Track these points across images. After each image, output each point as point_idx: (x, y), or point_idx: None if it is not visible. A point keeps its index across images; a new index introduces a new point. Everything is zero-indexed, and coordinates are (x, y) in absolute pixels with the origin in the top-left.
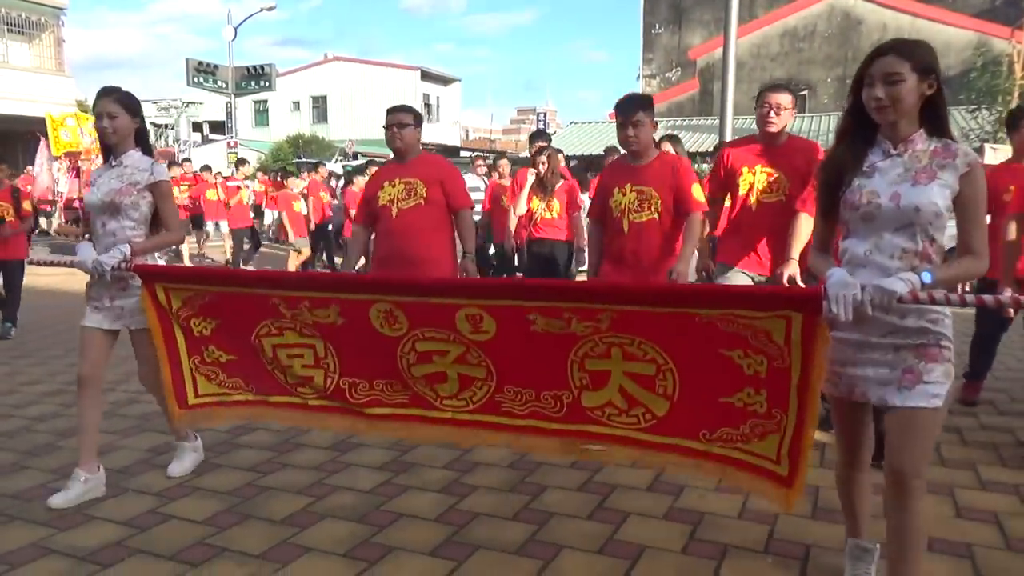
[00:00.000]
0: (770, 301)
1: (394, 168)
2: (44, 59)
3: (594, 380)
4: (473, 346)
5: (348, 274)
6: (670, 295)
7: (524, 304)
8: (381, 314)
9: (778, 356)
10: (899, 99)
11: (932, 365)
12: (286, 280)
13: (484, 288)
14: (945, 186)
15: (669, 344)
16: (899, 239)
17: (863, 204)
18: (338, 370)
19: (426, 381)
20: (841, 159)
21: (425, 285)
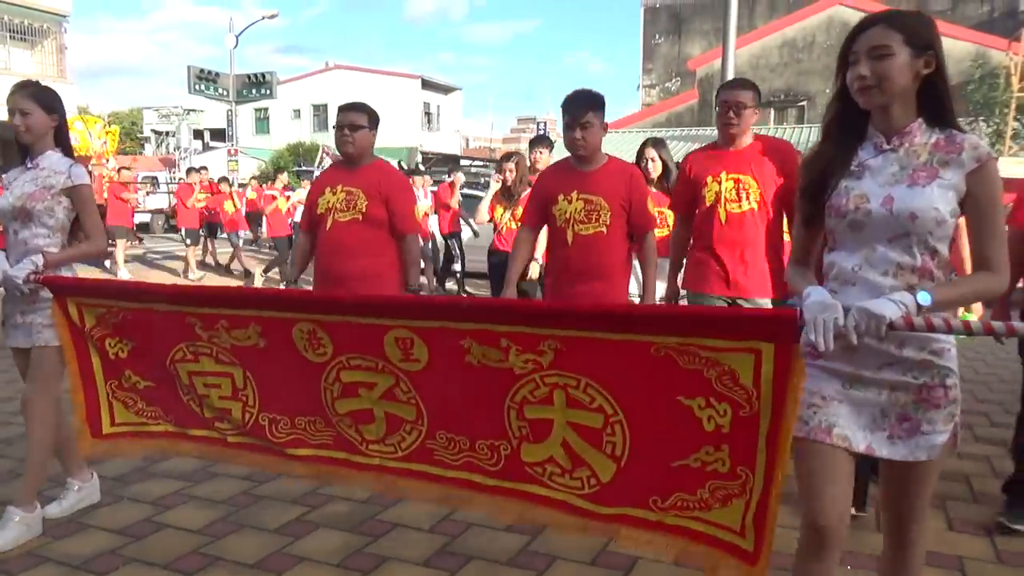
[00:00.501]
0: (737, 325)
1: (340, 173)
2: (46, 66)
3: (535, 430)
4: (403, 378)
5: (268, 289)
6: (622, 317)
7: (458, 326)
8: (305, 335)
9: (745, 402)
10: (886, 77)
11: (934, 412)
12: (202, 295)
13: (414, 306)
14: (948, 187)
15: (620, 387)
16: (894, 252)
17: (850, 210)
18: (257, 404)
19: (351, 420)
20: (826, 157)
21: (350, 302)
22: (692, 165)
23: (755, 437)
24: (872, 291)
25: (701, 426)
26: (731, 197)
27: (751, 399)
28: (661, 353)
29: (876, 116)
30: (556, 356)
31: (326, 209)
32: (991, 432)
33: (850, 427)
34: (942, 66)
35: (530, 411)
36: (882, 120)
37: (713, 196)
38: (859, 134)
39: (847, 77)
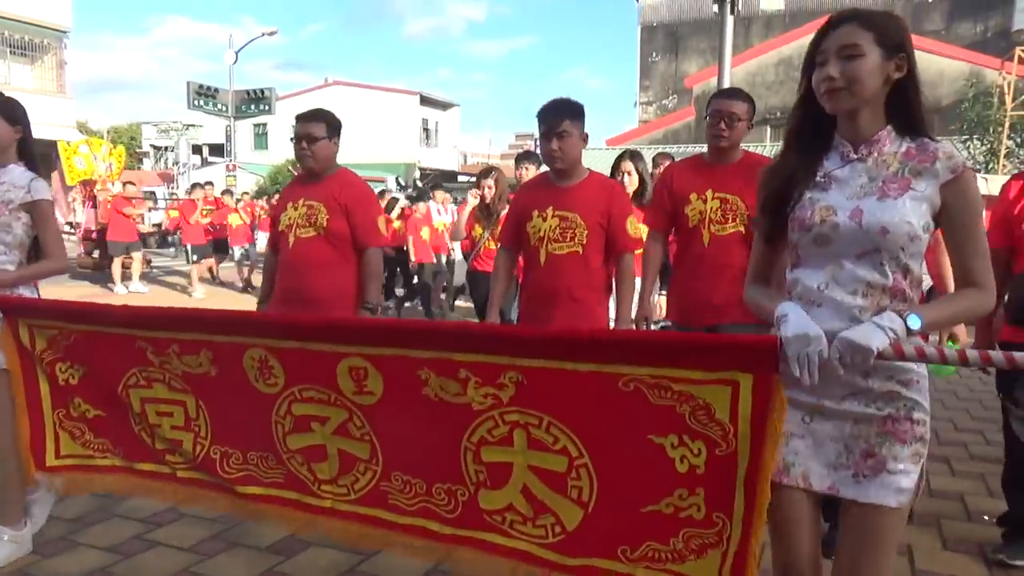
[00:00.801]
0: (713, 354)
1: (302, 187)
2: (46, 81)
3: (493, 476)
4: (356, 411)
5: (218, 311)
6: (590, 344)
7: (415, 355)
8: (256, 363)
9: (721, 440)
10: (857, 79)
11: (900, 448)
12: (154, 318)
13: (369, 331)
14: (921, 199)
15: (585, 426)
16: (862, 269)
17: (816, 223)
18: (209, 436)
19: (303, 457)
20: (788, 167)
21: (302, 325)
22: (675, 178)
23: (732, 479)
24: (839, 311)
25: (674, 467)
26: (716, 218)
27: (728, 436)
28: (630, 387)
29: (843, 123)
30: (517, 390)
31: (287, 226)
32: (986, 450)
33: (811, 465)
34: (913, 70)
35: (488, 453)
36: (849, 127)
37: (697, 215)
38: (824, 142)
39: (813, 79)
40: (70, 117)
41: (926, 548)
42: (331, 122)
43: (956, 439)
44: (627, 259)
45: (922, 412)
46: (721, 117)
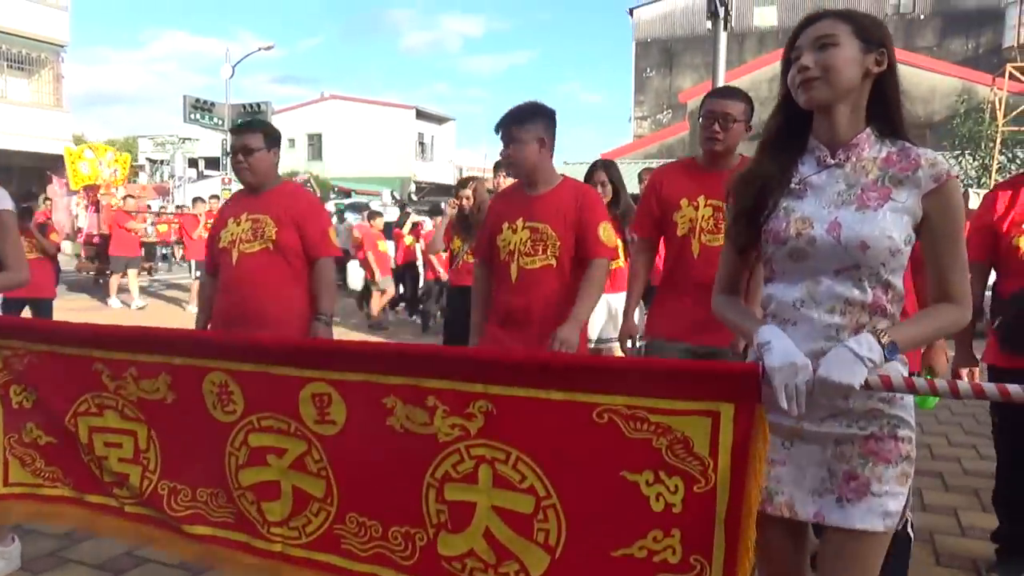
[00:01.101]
0: (693, 381)
1: (243, 201)
2: (43, 95)
3: (455, 516)
4: (316, 443)
5: (182, 331)
6: (563, 370)
7: (382, 380)
8: (215, 389)
9: (700, 476)
10: (832, 67)
11: (884, 468)
12: (115, 337)
13: (337, 354)
14: (903, 210)
15: (555, 462)
16: (841, 285)
17: (791, 236)
18: (159, 469)
19: (254, 495)
20: (763, 173)
21: (268, 347)
22: (664, 182)
23: (711, 518)
24: (816, 330)
25: (648, 506)
26: (708, 227)
27: (707, 472)
28: (604, 419)
29: (819, 124)
30: (486, 421)
31: (230, 242)
32: (980, 465)
33: (795, 493)
34: (894, 68)
35: (452, 491)
36: (826, 128)
37: (687, 224)
38: (799, 145)
39: (788, 76)
40: (67, 131)
41: (920, 563)
42: (269, 133)
43: (950, 454)
44: (597, 264)
45: (907, 429)
46: (715, 118)
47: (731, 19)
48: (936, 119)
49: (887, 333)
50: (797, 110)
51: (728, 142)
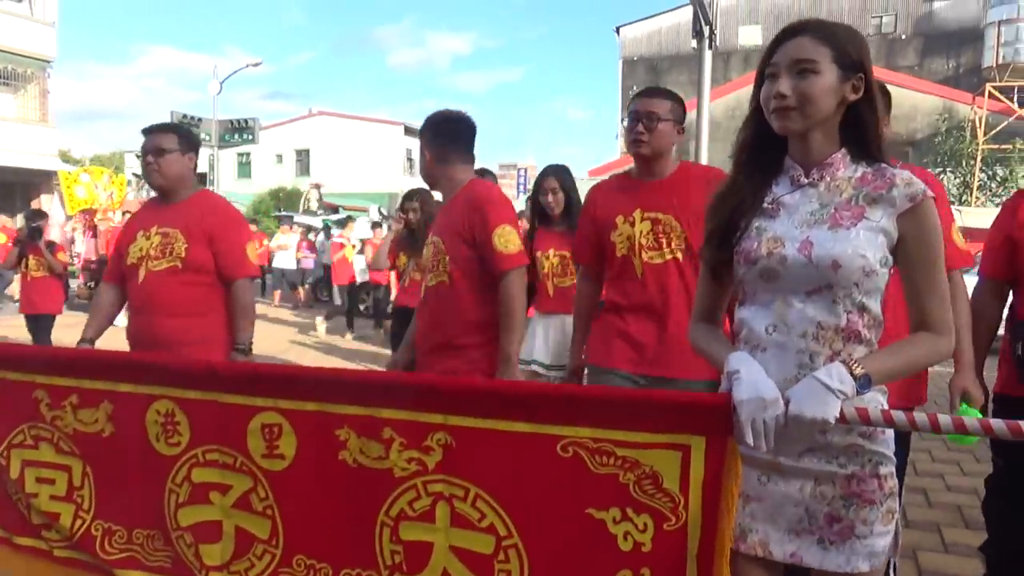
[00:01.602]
0: (661, 413)
1: (155, 211)
2: (29, 110)
3: (411, 557)
4: (262, 479)
5: (128, 354)
6: (527, 399)
7: (336, 410)
8: (160, 419)
9: (670, 513)
10: (810, 98)
11: (869, 510)
12: (58, 360)
13: (292, 381)
14: (877, 229)
15: (517, 499)
16: (813, 309)
17: (762, 256)
18: (93, 508)
19: (192, 537)
20: (736, 192)
21: (221, 372)
22: (598, 201)
23: (683, 557)
24: (788, 357)
25: (616, 545)
26: (648, 243)
27: (677, 508)
28: (568, 453)
29: (793, 144)
30: (445, 455)
31: (138, 258)
32: (962, 481)
33: (770, 531)
34: (871, 91)
35: (407, 530)
36: (800, 149)
37: (626, 243)
38: (774, 166)
39: (762, 94)
40: (52, 146)
41: None
42: (185, 136)
43: (933, 470)
44: (505, 281)
45: (889, 465)
46: (638, 118)
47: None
48: (918, 137)
49: (861, 364)
50: (767, 125)
51: (655, 144)
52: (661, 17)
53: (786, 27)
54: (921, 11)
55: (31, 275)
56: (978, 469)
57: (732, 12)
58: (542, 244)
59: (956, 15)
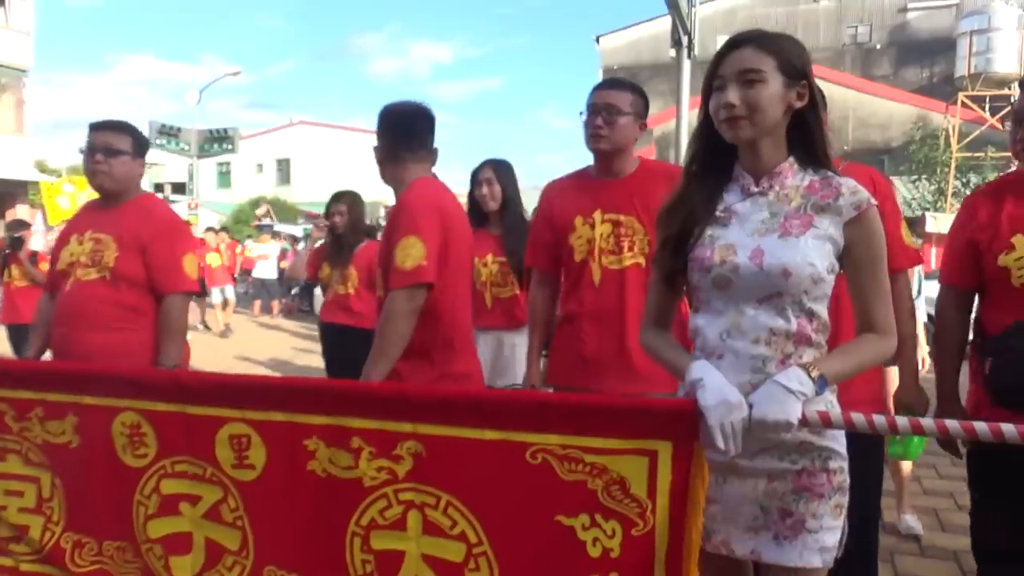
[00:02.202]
0: (628, 420)
1: (93, 215)
2: (4, 120)
3: (382, 566)
4: (232, 490)
5: (91, 365)
6: (497, 407)
7: (305, 420)
8: (126, 431)
9: (638, 518)
10: (758, 107)
11: (818, 503)
12: (21, 371)
13: (260, 391)
14: (824, 237)
15: (487, 507)
16: (765, 315)
17: (715, 264)
18: (63, 520)
19: (162, 550)
20: (689, 201)
21: (187, 384)
22: (554, 200)
23: (650, 562)
24: (743, 362)
25: (585, 551)
26: (608, 247)
27: (645, 514)
28: (538, 460)
29: (744, 153)
30: (415, 464)
31: (68, 264)
32: (937, 484)
33: (730, 530)
34: (815, 98)
35: (378, 539)
36: (750, 158)
37: (585, 246)
38: (725, 174)
39: (711, 105)
40: (28, 156)
41: None
42: (138, 139)
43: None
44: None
45: (838, 460)
46: (598, 111)
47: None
48: (894, 145)
49: (815, 366)
50: (718, 135)
51: (616, 139)
52: (641, 27)
53: (729, 40)
54: (895, 21)
55: (14, 284)
56: (955, 472)
57: (710, 22)
58: (478, 249)
59: (929, 25)
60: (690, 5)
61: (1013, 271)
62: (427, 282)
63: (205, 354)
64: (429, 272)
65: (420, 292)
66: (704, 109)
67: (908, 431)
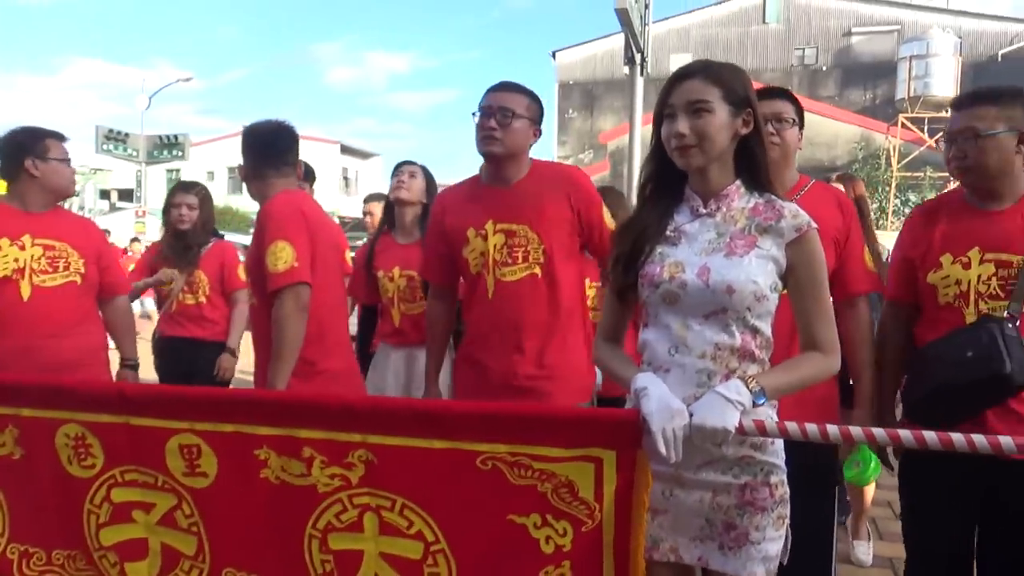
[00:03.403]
0: (573, 430)
1: (17, 218)
2: None
3: (342, 565)
4: (186, 496)
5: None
6: (443, 418)
7: (253, 431)
8: (70, 442)
9: (587, 518)
10: (706, 136)
11: (760, 516)
12: None
13: (203, 403)
14: (767, 257)
15: (442, 508)
16: (710, 331)
17: (664, 280)
18: (7, 531)
19: (118, 556)
20: (642, 221)
21: (129, 396)
22: (447, 210)
23: (599, 553)
24: (689, 377)
25: (538, 548)
26: (502, 258)
27: (593, 514)
28: (488, 466)
29: (694, 177)
30: (367, 470)
31: (15, 270)
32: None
33: (678, 539)
34: (759, 126)
35: (336, 540)
36: (700, 181)
37: (479, 259)
38: (676, 195)
39: (663, 133)
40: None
41: None
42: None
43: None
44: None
45: (779, 473)
46: (491, 113)
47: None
48: (839, 164)
49: (755, 379)
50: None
51: (509, 143)
52: (596, 43)
53: (677, 72)
54: (841, 44)
55: None
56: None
57: (664, 40)
58: (385, 261)
59: (871, 49)
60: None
61: (939, 289)
62: (304, 280)
63: None
64: (303, 272)
65: (304, 290)
66: (656, 135)
67: (839, 439)
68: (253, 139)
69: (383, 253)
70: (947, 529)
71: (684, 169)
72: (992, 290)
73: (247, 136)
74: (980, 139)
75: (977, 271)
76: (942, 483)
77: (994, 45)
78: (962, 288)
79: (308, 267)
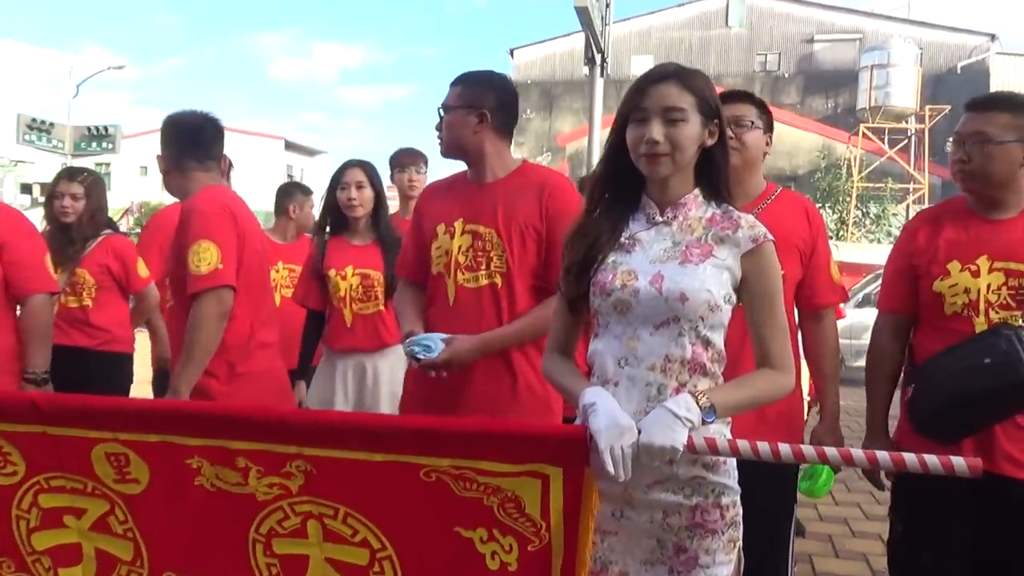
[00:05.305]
0: (518, 446)
1: None
2: None
3: (288, 569)
4: (119, 503)
5: None
6: (381, 434)
7: (182, 442)
8: None
9: (533, 536)
10: (680, 146)
11: (711, 540)
12: None
13: (124, 415)
14: (723, 267)
15: (387, 517)
16: (661, 341)
17: (616, 288)
18: None
19: (51, 560)
20: (595, 229)
21: (41, 407)
22: (427, 203)
23: (548, 571)
24: (639, 390)
25: (484, 564)
26: (465, 261)
27: (540, 532)
28: (432, 478)
29: (652, 185)
30: (307, 480)
31: None
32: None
33: (628, 562)
34: (724, 137)
35: (281, 545)
36: (659, 189)
37: (442, 258)
38: (631, 202)
39: (630, 137)
40: None
41: None
42: None
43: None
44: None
45: (731, 495)
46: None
47: (608, 66)
48: (800, 172)
49: (706, 395)
50: (628, 163)
51: (446, 138)
52: (555, 42)
53: (651, 73)
54: (803, 51)
55: None
56: (850, 499)
57: (624, 42)
58: (337, 259)
59: (833, 57)
60: (604, 23)
61: (946, 297)
62: (228, 284)
63: None
64: (227, 274)
65: (227, 294)
66: (616, 135)
67: (791, 459)
68: (176, 129)
69: (335, 253)
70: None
71: (649, 177)
72: (1003, 300)
73: (169, 126)
74: (988, 145)
75: (987, 280)
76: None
77: (953, 57)
78: (971, 297)
79: (234, 270)
